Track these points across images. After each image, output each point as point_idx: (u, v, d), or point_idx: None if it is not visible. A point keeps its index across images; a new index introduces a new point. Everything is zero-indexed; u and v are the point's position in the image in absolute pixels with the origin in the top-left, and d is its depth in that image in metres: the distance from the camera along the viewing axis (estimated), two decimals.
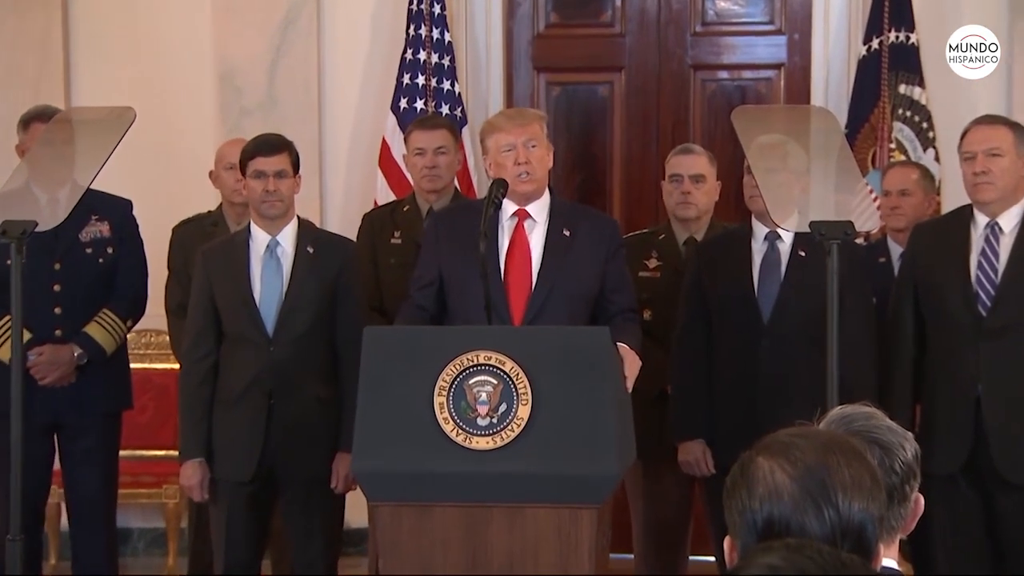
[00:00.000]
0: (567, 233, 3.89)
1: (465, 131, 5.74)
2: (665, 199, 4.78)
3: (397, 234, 4.82)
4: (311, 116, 5.97)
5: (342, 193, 6.04)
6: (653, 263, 4.67)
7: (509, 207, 3.87)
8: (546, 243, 3.87)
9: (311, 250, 4.22)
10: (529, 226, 3.89)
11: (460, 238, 3.84)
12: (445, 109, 5.77)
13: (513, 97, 6.12)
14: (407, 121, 5.47)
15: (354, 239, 4.70)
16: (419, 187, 4.85)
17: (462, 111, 5.82)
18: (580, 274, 3.86)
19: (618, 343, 3.53)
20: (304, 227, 4.29)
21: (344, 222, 5.59)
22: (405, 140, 4.95)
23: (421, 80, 5.80)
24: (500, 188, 3.74)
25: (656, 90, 6.07)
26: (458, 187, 5.10)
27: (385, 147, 5.80)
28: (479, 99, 6.03)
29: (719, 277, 4.29)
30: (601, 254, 3.90)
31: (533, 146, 3.84)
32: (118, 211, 4.60)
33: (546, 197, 3.93)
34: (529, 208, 3.89)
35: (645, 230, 4.95)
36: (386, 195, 5.65)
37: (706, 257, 4.38)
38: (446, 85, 5.81)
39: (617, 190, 6.11)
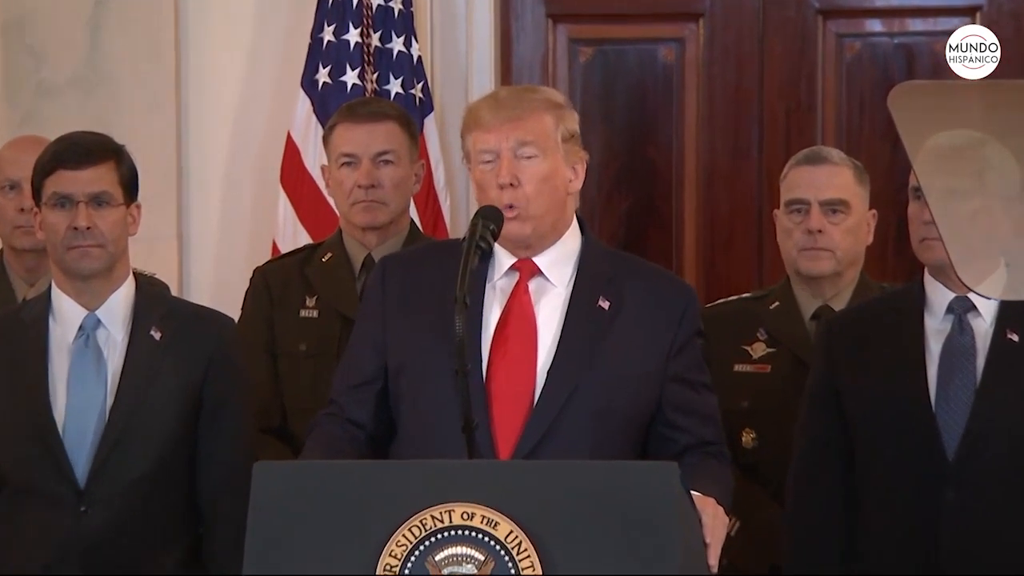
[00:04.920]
0: (604, 305, 3.88)
1: (430, 124, 5.77)
2: (780, 241, 4.81)
3: (311, 301, 4.85)
4: (165, 99, 6.02)
5: (216, 232, 6.07)
6: (760, 349, 4.73)
7: (503, 257, 3.87)
8: (566, 320, 3.86)
9: (158, 335, 4.24)
10: (537, 290, 3.89)
11: (421, 306, 3.85)
12: (395, 87, 5.81)
13: (512, 65, 6.16)
14: (330, 108, 5.50)
15: (236, 313, 4.72)
16: (349, 220, 4.88)
17: (424, 90, 5.86)
18: (625, 377, 3.84)
19: (692, 491, 3.52)
20: (147, 295, 4.31)
21: (219, 283, 5.61)
22: (325, 140, 4.97)
23: (354, 37, 5.84)
24: (491, 223, 3.73)
25: (758, 53, 6.13)
26: (417, 221, 5.12)
27: (292, 151, 5.84)
28: (455, 71, 6.09)
29: (867, 378, 4.29)
30: (662, 344, 3.88)
31: (531, 156, 3.82)
32: None
33: (571, 239, 3.94)
34: (539, 260, 3.89)
35: (746, 295, 5.00)
36: (293, 234, 5.68)
37: (844, 342, 4.38)
38: (397, 45, 5.84)
39: (691, 224, 6.15)
